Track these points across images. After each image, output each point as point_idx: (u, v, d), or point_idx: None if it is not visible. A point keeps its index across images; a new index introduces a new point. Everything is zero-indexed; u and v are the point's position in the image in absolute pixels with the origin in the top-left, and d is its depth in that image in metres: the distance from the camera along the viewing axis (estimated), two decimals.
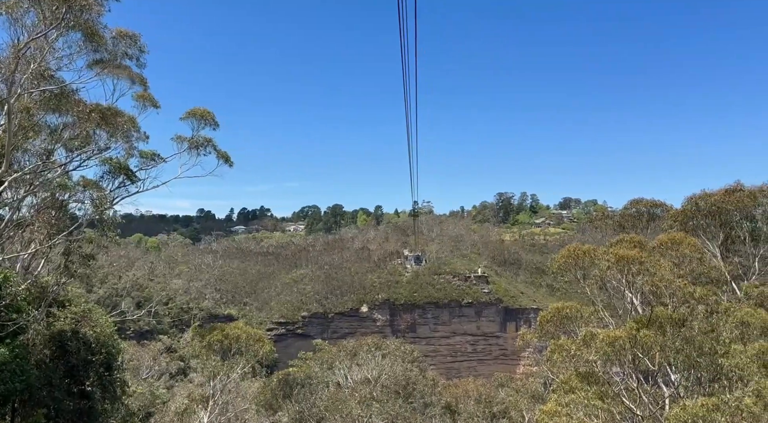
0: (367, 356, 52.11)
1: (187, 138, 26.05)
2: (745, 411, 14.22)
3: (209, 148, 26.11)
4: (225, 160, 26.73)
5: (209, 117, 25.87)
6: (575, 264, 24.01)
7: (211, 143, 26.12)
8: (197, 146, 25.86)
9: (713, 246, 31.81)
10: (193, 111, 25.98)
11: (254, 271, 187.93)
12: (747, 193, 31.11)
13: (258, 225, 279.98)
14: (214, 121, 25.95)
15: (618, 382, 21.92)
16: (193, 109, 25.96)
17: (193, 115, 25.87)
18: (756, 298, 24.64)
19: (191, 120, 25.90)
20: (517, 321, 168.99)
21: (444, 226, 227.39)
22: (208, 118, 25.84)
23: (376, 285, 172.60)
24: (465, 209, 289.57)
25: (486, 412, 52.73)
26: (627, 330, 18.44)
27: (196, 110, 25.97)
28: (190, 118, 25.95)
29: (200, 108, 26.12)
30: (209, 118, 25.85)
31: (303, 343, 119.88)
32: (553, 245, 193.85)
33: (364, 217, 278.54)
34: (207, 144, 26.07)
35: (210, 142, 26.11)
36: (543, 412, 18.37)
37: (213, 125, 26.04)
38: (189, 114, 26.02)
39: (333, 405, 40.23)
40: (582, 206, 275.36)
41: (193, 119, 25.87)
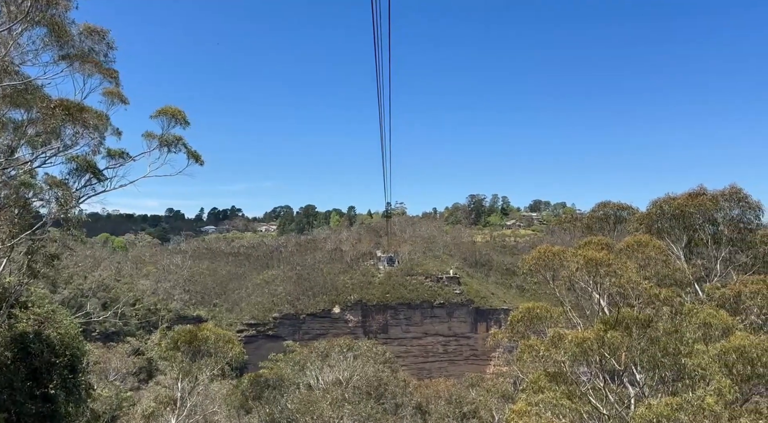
0: (338, 357, 51.96)
1: (157, 135, 25.55)
2: (707, 410, 14.68)
3: (179, 146, 25.67)
4: (195, 159, 26.31)
5: (180, 115, 25.45)
6: (545, 265, 24.40)
7: (182, 141, 25.68)
8: (168, 144, 25.40)
9: (677, 248, 32.60)
10: (163, 109, 25.52)
11: (224, 272, 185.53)
12: (709, 198, 31.92)
13: (229, 225, 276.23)
14: (184, 119, 25.52)
15: (585, 381, 22.37)
16: (164, 108, 25.50)
17: (164, 113, 25.41)
18: (717, 300, 25.40)
19: (161, 118, 25.44)
20: (487, 321, 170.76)
21: (417, 228, 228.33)
22: (179, 116, 25.41)
23: (348, 286, 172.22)
24: (438, 210, 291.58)
25: (456, 412, 53.19)
26: (595, 331, 18.83)
27: (167, 109, 25.52)
28: (160, 117, 25.48)
29: (171, 106, 25.68)
30: (180, 117, 25.42)
31: (274, 345, 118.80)
32: (523, 247, 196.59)
33: (337, 218, 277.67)
34: (177, 142, 25.62)
35: (180, 140, 25.67)
36: (513, 411, 18.63)
37: (183, 124, 25.62)
38: (159, 112, 25.55)
39: (304, 406, 39.98)
40: (551, 208, 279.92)
41: (164, 117, 25.41)
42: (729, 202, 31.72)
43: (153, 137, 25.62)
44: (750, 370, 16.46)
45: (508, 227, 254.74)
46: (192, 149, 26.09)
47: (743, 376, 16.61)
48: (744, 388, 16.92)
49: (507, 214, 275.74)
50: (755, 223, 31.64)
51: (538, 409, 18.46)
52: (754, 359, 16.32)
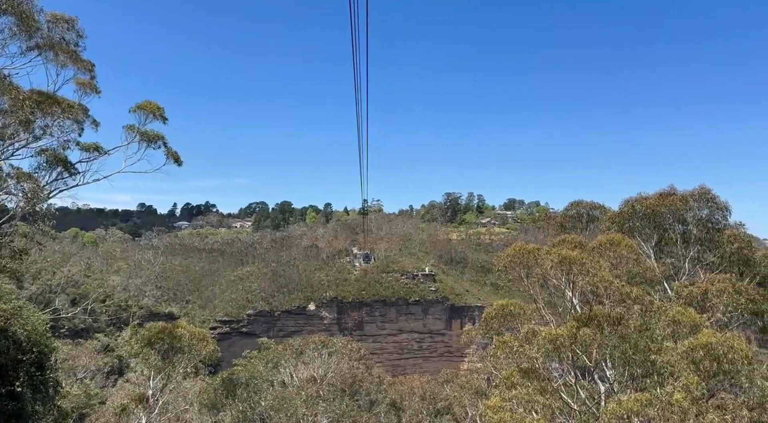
0: (313, 354, 51.76)
1: (138, 129, 25.03)
2: (676, 405, 15.04)
3: (159, 143, 25.20)
4: (175, 160, 25.88)
5: (158, 112, 24.98)
6: (520, 262, 24.67)
7: (162, 139, 25.23)
8: (148, 140, 24.91)
9: (648, 247, 33.21)
10: (142, 105, 25.02)
11: (198, 268, 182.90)
12: (679, 198, 32.57)
13: (203, 221, 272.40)
14: (163, 116, 25.06)
15: (557, 377, 22.71)
16: (143, 103, 25.01)
17: (143, 108, 24.92)
18: (686, 298, 26.02)
19: (140, 113, 24.93)
20: (462, 318, 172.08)
21: (393, 225, 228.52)
22: (158, 113, 24.93)
23: (324, 283, 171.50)
24: (414, 208, 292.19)
25: (430, 409, 53.53)
26: (568, 328, 19.11)
27: (146, 104, 25.03)
28: (138, 112, 24.97)
29: (150, 101, 25.21)
30: (158, 113, 24.95)
31: (248, 342, 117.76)
32: (498, 244, 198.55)
33: (313, 215, 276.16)
34: (158, 139, 25.15)
35: (161, 138, 25.21)
36: (487, 407, 18.80)
37: (162, 120, 25.15)
38: (138, 107, 25.05)
39: (278, 404, 39.68)
40: (526, 207, 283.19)
41: (142, 113, 24.91)
42: (698, 202, 32.44)
43: (134, 130, 25.11)
44: (716, 366, 16.92)
45: (483, 225, 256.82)
46: (172, 149, 25.70)
47: (709, 373, 17.07)
48: (710, 383, 17.39)
49: (482, 213, 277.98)
50: (723, 223, 32.41)
51: (511, 404, 18.67)
52: (720, 356, 16.77)
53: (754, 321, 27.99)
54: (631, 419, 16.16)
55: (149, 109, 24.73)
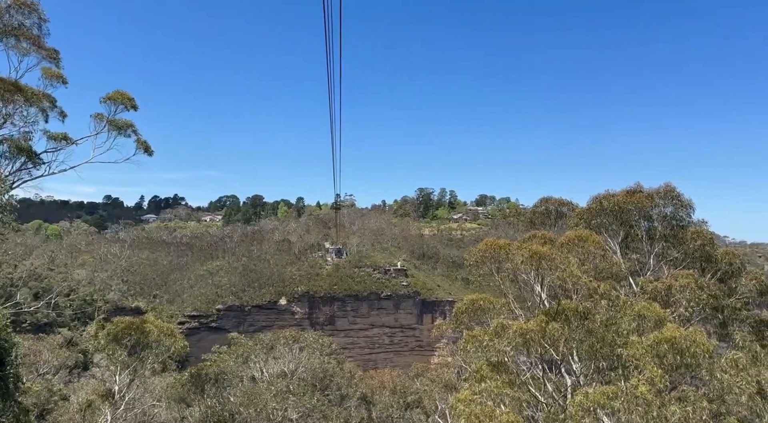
0: (284, 349, 51.39)
1: (107, 118, 24.35)
2: (640, 398, 15.46)
3: (129, 131, 24.59)
4: (145, 150, 25.30)
5: (130, 102, 24.37)
6: (491, 257, 24.93)
7: (132, 127, 24.64)
8: (118, 128, 24.26)
9: (614, 243, 33.84)
10: (113, 95, 24.36)
11: (166, 262, 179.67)
12: (645, 195, 33.24)
13: (171, 214, 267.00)
14: (134, 105, 24.46)
15: (525, 371, 23.07)
16: (113, 94, 24.36)
17: (113, 99, 24.28)
18: (650, 293, 26.71)
19: (110, 104, 24.26)
20: (433, 313, 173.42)
21: (366, 220, 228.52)
22: (129, 103, 24.32)
23: (295, 277, 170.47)
24: (387, 203, 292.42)
25: (401, 402, 53.85)
26: (538, 322, 19.42)
27: (116, 94, 24.38)
28: (108, 102, 24.30)
29: (121, 91, 24.56)
30: (130, 104, 24.34)
31: (217, 337, 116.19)
32: (469, 240, 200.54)
33: (285, 209, 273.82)
34: (128, 127, 24.53)
35: (131, 126, 24.61)
36: (458, 400, 18.99)
37: (133, 109, 24.55)
38: (108, 98, 24.38)
39: (247, 399, 39.34)
40: (496, 203, 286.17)
41: (112, 103, 24.25)
42: (664, 199, 33.19)
43: (103, 119, 24.42)
44: (679, 359, 17.42)
45: (455, 221, 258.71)
46: (142, 138, 25.11)
47: (673, 366, 17.56)
48: (673, 376, 17.91)
49: (454, 208, 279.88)
50: (687, 220, 33.24)
51: (481, 397, 18.89)
52: (683, 350, 17.28)
53: (714, 316, 28.91)
54: (596, 411, 16.54)
55: (120, 99, 24.13)
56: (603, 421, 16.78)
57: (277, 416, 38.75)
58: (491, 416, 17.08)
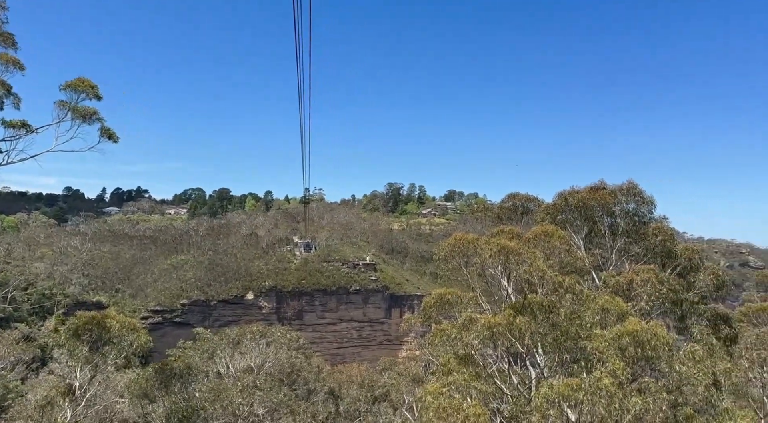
0: (250, 344, 50.86)
1: (70, 105, 23.42)
2: (603, 390, 15.87)
3: (94, 118, 23.74)
4: (109, 137, 24.46)
5: (93, 90, 23.49)
6: (460, 252, 25.14)
7: (97, 115, 23.77)
8: (82, 116, 23.38)
9: (578, 238, 34.49)
10: (74, 82, 23.42)
11: (128, 256, 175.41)
12: (609, 192, 33.95)
13: (134, 206, 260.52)
14: (97, 94, 23.59)
15: (491, 364, 23.39)
16: (75, 80, 23.41)
17: (74, 86, 23.35)
18: (612, 287, 27.38)
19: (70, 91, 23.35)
20: (401, 307, 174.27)
21: (335, 214, 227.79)
22: (92, 91, 23.45)
23: (263, 272, 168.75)
24: (356, 198, 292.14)
25: (368, 396, 54.03)
26: (505, 316, 19.68)
27: (78, 82, 23.45)
28: (69, 90, 23.37)
29: (83, 79, 23.63)
30: (93, 92, 23.46)
31: (182, 332, 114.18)
32: (438, 235, 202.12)
33: (252, 203, 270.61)
34: (92, 115, 23.66)
35: (96, 113, 23.74)
36: (428, 392, 19.13)
37: (96, 98, 23.69)
38: (69, 85, 23.44)
39: (213, 394, 38.80)
40: (465, 198, 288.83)
41: (74, 90, 23.34)
42: (626, 196, 33.96)
43: (65, 106, 23.49)
44: (640, 352, 17.93)
45: (423, 216, 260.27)
46: (106, 126, 24.26)
47: (634, 358, 18.07)
48: (635, 368, 18.42)
49: (423, 203, 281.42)
50: (648, 216, 34.10)
51: (449, 390, 19.08)
52: (644, 343, 17.79)
53: (673, 310, 29.83)
54: (561, 403, 16.88)
55: (82, 87, 23.22)
56: (567, 412, 17.15)
57: (243, 412, 38.35)
58: (459, 409, 17.26)
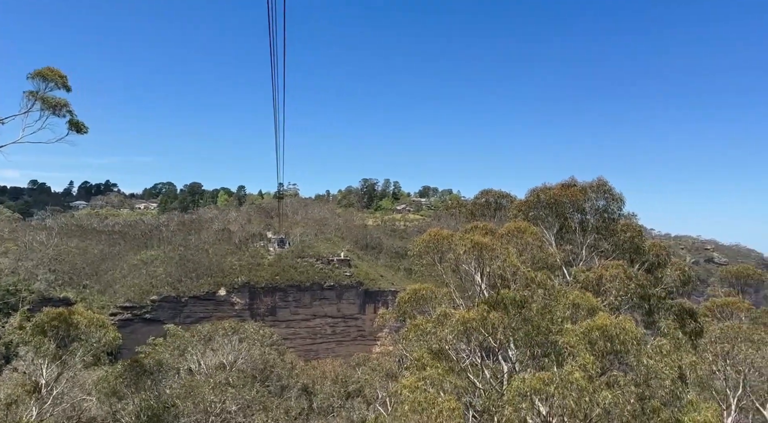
0: (222, 341, 50.26)
1: (39, 95, 22.68)
2: (574, 384, 16.19)
3: (64, 110, 23.05)
4: (77, 130, 23.79)
5: (61, 80, 22.78)
6: (434, 248, 25.28)
7: (67, 106, 23.08)
8: (52, 107, 22.67)
9: (550, 234, 35.00)
10: (42, 71, 22.69)
11: (96, 251, 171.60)
12: (579, 189, 34.52)
13: (102, 201, 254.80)
14: (66, 85, 22.90)
15: (464, 358, 23.64)
16: (43, 70, 22.68)
17: (43, 75, 22.60)
18: (582, 282, 27.90)
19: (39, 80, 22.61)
20: (376, 303, 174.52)
21: (309, 210, 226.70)
22: (60, 81, 22.75)
23: (236, 268, 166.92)
24: (331, 193, 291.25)
25: (342, 392, 54.01)
26: (479, 311, 19.89)
27: (47, 71, 22.72)
28: (38, 79, 22.63)
29: (51, 68, 22.92)
30: (61, 82, 22.76)
31: (152, 329, 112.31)
32: (412, 231, 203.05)
33: (225, 197, 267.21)
34: (62, 106, 22.96)
35: (66, 105, 23.04)
36: (404, 386, 19.23)
37: (65, 89, 23.01)
38: (37, 74, 22.69)
39: (185, 391, 38.30)
40: (439, 194, 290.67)
41: (42, 80, 22.61)
42: (596, 193, 34.56)
43: (34, 96, 22.73)
44: (609, 346, 18.35)
45: (398, 211, 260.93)
46: (75, 118, 23.56)
47: (603, 352, 18.48)
48: (604, 362, 18.83)
49: (398, 199, 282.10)
50: (617, 213, 34.77)
51: (423, 383, 19.22)
52: (613, 337, 18.22)
53: (641, 304, 30.56)
54: (532, 397, 17.17)
55: (51, 76, 22.52)
56: (538, 406, 17.44)
57: (215, 409, 37.95)
58: (434, 403, 17.41)
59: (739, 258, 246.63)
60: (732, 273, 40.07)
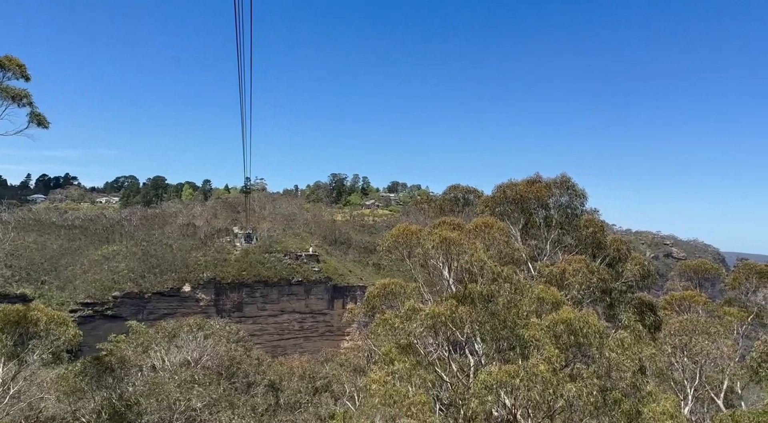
0: (187, 337, 49.42)
1: None
2: (539, 376, 16.57)
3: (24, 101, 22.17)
4: (38, 123, 22.91)
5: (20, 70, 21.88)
6: (404, 242, 25.40)
7: (28, 97, 22.19)
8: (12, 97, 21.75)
9: (515, 230, 35.55)
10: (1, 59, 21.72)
11: (56, 246, 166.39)
12: (544, 185, 35.14)
13: (62, 194, 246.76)
14: (25, 74, 21.99)
15: (432, 352, 23.88)
16: (2, 58, 21.71)
17: (1, 64, 21.64)
18: (546, 276, 28.48)
19: None
20: (344, 298, 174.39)
21: (277, 204, 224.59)
22: (19, 70, 21.85)
23: (201, 263, 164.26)
24: (299, 188, 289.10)
25: (309, 387, 53.83)
26: (447, 306, 20.10)
27: (4, 59, 21.76)
28: None
29: (10, 57, 21.94)
30: (20, 71, 21.87)
31: (114, 326, 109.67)
32: (381, 226, 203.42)
33: (190, 192, 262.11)
34: (23, 97, 22.06)
35: (27, 96, 22.15)
36: (373, 381, 19.29)
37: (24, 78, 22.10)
38: None
39: (148, 389, 37.53)
40: (408, 190, 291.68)
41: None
42: (560, 189, 35.27)
43: None
44: (573, 339, 18.81)
45: (367, 207, 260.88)
46: (36, 110, 22.68)
47: (567, 345, 18.94)
48: (568, 355, 19.30)
49: (367, 194, 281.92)
50: (580, 209, 35.55)
51: (393, 378, 19.34)
52: (577, 330, 18.68)
53: (603, 298, 31.37)
54: (498, 389, 17.47)
55: (9, 65, 21.57)
56: (503, 398, 17.77)
57: (180, 406, 37.31)
58: (405, 396, 17.54)
59: (697, 253, 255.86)
60: (691, 267, 41.50)
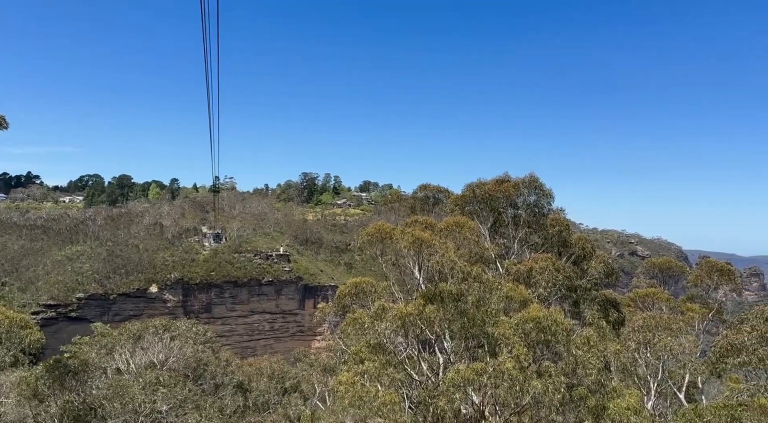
0: (153, 339, 48.40)
1: None
2: (506, 373, 16.77)
3: None
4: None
5: None
6: (378, 241, 25.40)
7: None
8: None
9: (484, 228, 35.92)
10: None
11: (16, 247, 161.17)
12: (512, 184, 35.64)
13: (23, 193, 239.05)
14: None
15: (402, 351, 23.94)
16: None
17: None
18: (514, 274, 28.89)
19: None
20: (315, 298, 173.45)
21: (247, 204, 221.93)
22: None
23: (168, 263, 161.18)
24: (269, 187, 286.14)
25: (278, 388, 53.42)
26: (416, 305, 20.16)
27: None
28: None
29: None
30: None
31: (78, 328, 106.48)
32: (353, 225, 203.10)
33: (157, 191, 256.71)
34: None
35: None
36: (340, 382, 19.22)
37: None
38: None
39: (112, 392, 36.63)
40: (380, 189, 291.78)
41: None
42: (528, 188, 35.85)
43: None
44: (541, 337, 19.10)
45: (339, 206, 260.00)
46: None
47: (535, 343, 19.22)
48: (536, 352, 19.59)
49: (338, 194, 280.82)
50: (547, 208, 36.20)
51: (362, 378, 19.30)
52: (545, 328, 18.98)
53: (569, 295, 31.95)
54: (466, 387, 17.60)
55: None
56: (471, 396, 17.92)
57: (145, 409, 36.53)
58: (375, 396, 17.52)
59: (661, 251, 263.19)
60: (656, 265, 42.51)
